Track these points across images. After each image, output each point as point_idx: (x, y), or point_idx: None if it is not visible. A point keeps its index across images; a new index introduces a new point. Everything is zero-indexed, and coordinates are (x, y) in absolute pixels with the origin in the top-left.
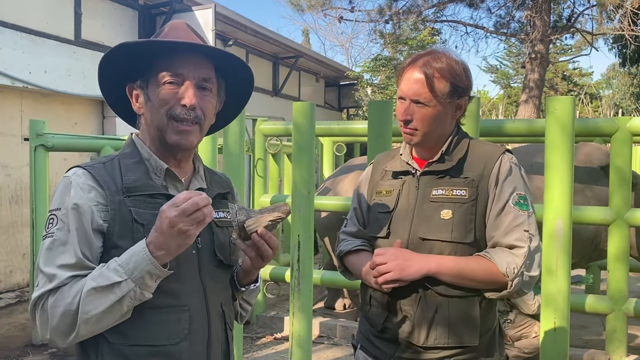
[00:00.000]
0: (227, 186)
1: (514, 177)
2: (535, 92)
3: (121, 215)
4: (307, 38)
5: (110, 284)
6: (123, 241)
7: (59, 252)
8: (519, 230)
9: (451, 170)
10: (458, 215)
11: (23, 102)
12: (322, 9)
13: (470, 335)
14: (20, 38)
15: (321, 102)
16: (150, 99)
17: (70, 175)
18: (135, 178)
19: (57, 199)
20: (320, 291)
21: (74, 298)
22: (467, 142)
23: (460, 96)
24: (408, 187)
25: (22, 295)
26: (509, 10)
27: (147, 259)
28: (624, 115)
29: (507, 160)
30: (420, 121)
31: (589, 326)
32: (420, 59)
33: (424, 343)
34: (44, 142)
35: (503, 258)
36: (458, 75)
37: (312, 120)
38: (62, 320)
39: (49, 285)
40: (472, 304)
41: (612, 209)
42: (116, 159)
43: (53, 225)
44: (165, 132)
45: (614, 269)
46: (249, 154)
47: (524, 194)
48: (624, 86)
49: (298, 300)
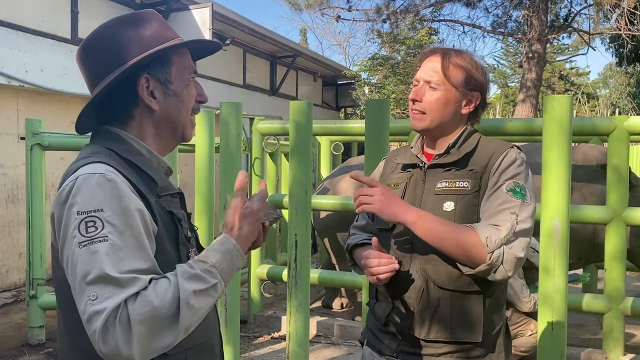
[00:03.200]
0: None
1: (515, 167)
2: (533, 92)
3: (162, 217)
4: (304, 37)
5: (208, 287)
6: (169, 244)
7: (123, 256)
8: (505, 212)
9: (457, 163)
10: (460, 207)
11: (19, 101)
12: (320, 8)
13: (472, 332)
14: (16, 37)
15: (319, 102)
16: (175, 94)
17: (105, 173)
18: (160, 177)
19: (89, 200)
20: (318, 290)
21: (163, 299)
22: (477, 137)
23: (473, 89)
24: (415, 180)
25: (19, 295)
26: (506, 10)
27: (240, 256)
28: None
29: (514, 153)
30: (429, 103)
31: (586, 325)
32: (441, 49)
33: (425, 336)
34: (40, 141)
35: (485, 229)
36: (474, 69)
37: (310, 120)
38: (153, 327)
39: (127, 290)
40: (475, 300)
41: (609, 207)
42: (114, 154)
43: (98, 229)
44: (185, 128)
45: (611, 268)
46: (247, 153)
47: (521, 184)
48: (620, 85)
49: (295, 299)
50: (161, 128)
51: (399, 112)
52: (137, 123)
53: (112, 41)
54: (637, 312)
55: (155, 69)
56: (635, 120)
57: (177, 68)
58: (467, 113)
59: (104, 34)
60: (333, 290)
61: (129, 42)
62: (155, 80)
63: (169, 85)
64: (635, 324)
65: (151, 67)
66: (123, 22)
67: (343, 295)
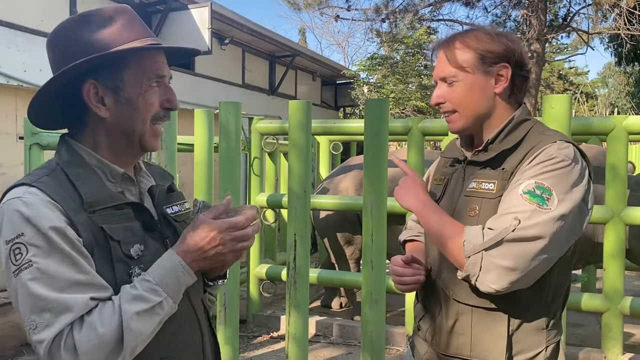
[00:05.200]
0: (168, 176)
1: (549, 165)
2: (532, 91)
3: (93, 233)
4: (303, 37)
5: (152, 306)
6: (100, 262)
7: (54, 277)
8: (508, 217)
9: (492, 161)
10: (484, 212)
11: (18, 100)
12: (319, 8)
13: (495, 353)
14: (15, 36)
15: (318, 101)
16: (128, 101)
17: (21, 196)
18: (94, 190)
19: (12, 226)
20: (317, 290)
21: (108, 325)
22: (526, 128)
23: (494, 63)
24: (456, 177)
25: None
26: (505, 9)
27: (187, 273)
28: (619, 114)
29: (555, 148)
30: (453, 100)
31: (584, 324)
32: (445, 38)
33: (444, 350)
34: (39, 141)
35: (471, 232)
36: (484, 42)
37: (309, 119)
38: (97, 354)
39: (65, 317)
40: (499, 319)
41: (608, 207)
42: (58, 168)
43: (23, 254)
44: (144, 137)
45: (609, 267)
46: (245, 152)
47: (546, 186)
48: (619, 85)
49: (294, 299)
50: (114, 137)
51: (398, 112)
52: (90, 131)
53: (65, 40)
54: (636, 311)
55: (104, 74)
56: (634, 119)
57: (133, 73)
58: (502, 91)
59: (60, 32)
60: (332, 290)
61: (79, 43)
62: (103, 87)
63: (120, 92)
64: (633, 323)
65: (99, 73)
66: (83, 19)
67: (342, 295)
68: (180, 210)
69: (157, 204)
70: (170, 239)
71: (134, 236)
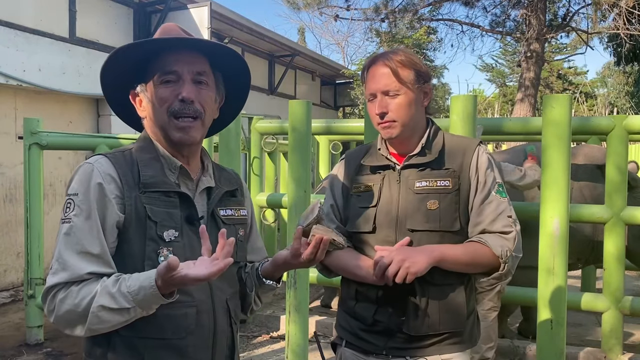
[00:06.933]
0: (235, 182)
1: (492, 167)
2: (531, 91)
3: (136, 210)
4: (302, 36)
5: (120, 308)
6: (135, 236)
7: (76, 240)
8: (503, 217)
9: (432, 163)
10: (444, 205)
11: (17, 100)
12: (318, 8)
13: (458, 321)
14: (14, 36)
15: (317, 101)
16: (150, 100)
17: (93, 162)
18: (152, 174)
19: (76, 184)
20: (317, 290)
21: (81, 300)
22: (442, 134)
23: (425, 82)
24: (389, 181)
25: (17, 295)
26: (504, 9)
27: (156, 295)
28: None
29: (483, 151)
30: (396, 111)
31: (584, 324)
32: (380, 57)
33: (417, 332)
34: (38, 141)
35: (497, 242)
36: (417, 64)
37: (308, 119)
38: (66, 317)
39: (62, 275)
40: (459, 290)
41: (608, 207)
42: (129, 151)
43: (70, 210)
44: (168, 131)
45: (610, 267)
46: (245, 152)
47: (501, 182)
48: (618, 85)
49: (294, 299)
50: (158, 132)
51: None
52: (148, 130)
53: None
54: (636, 311)
55: (139, 78)
56: (634, 119)
57: (150, 75)
58: (427, 105)
59: None
60: (332, 290)
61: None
62: (138, 91)
63: (145, 92)
64: (634, 323)
65: (136, 77)
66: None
67: None
68: (233, 215)
69: (209, 203)
70: (211, 237)
71: (171, 222)
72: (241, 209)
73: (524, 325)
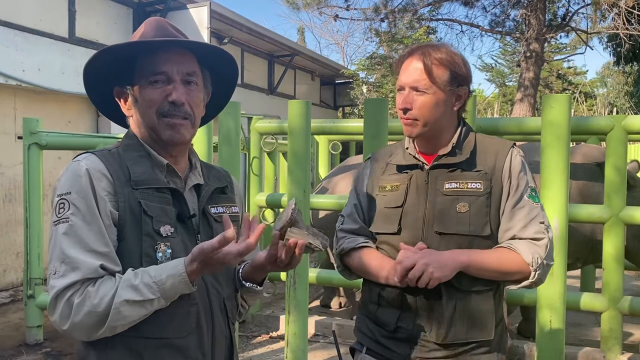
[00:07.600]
0: (224, 179)
1: (525, 170)
2: (531, 91)
3: (130, 207)
4: (302, 36)
5: (144, 300)
6: (130, 233)
7: (79, 238)
8: (535, 223)
9: (463, 164)
10: (474, 208)
11: (17, 100)
12: (318, 7)
13: (486, 330)
14: (13, 35)
15: (317, 101)
16: (138, 100)
17: (82, 160)
18: (142, 171)
19: (67, 183)
20: (316, 290)
21: (101, 300)
22: (474, 135)
23: (460, 85)
24: (416, 181)
25: (16, 295)
26: (504, 9)
27: (185, 284)
28: (618, 114)
29: (517, 153)
30: (419, 109)
31: (584, 324)
32: (419, 49)
33: (443, 340)
34: (38, 141)
35: (527, 249)
36: (457, 64)
37: (308, 119)
38: (86, 319)
39: (73, 276)
40: (488, 298)
41: (608, 207)
42: (116, 150)
43: (65, 210)
44: (157, 130)
45: (609, 267)
46: (245, 152)
47: (534, 187)
48: (618, 85)
49: (294, 298)
50: (145, 131)
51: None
52: (133, 128)
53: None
54: (635, 311)
55: (125, 76)
56: (633, 119)
57: (139, 74)
58: (458, 109)
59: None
60: (331, 290)
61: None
62: (124, 89)
63: (132, 91)
64: (633, 323)
65: (120, 77)
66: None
67: (341, 295)
68: (225, 212)
69: (200, 201)
70: (203, 235)
71: (166, 217)
72: (232, 206)
73: (523, 325)
